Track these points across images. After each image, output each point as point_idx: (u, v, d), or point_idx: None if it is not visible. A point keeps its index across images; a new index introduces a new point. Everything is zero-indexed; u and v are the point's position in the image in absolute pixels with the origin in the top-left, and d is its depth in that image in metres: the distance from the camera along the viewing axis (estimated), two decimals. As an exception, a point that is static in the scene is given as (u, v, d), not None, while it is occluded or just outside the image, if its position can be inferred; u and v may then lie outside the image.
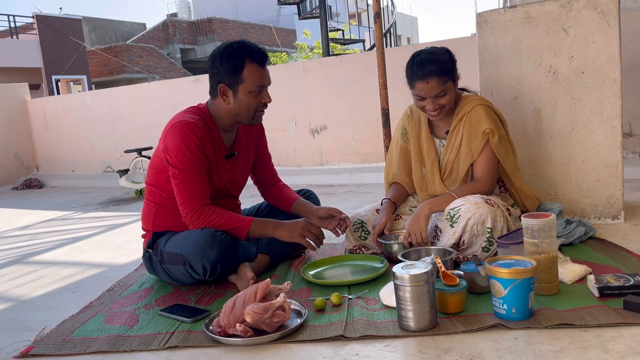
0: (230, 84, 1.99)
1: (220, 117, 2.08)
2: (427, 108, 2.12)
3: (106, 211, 4.47)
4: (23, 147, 7.23)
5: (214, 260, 1.92)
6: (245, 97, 2.00)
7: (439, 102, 2.09)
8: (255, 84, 1.99)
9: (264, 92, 2.03)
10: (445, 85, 2.07)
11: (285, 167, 5.53)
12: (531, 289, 1.50)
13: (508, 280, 1.49)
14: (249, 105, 2.02)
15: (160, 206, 2.12)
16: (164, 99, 6.30)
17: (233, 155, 2.17)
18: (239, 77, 1.97)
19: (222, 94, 2.02)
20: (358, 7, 15.85)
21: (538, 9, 2.51)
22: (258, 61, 1.99)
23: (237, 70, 1.97)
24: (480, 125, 2.12)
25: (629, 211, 2.65)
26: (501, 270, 1.50)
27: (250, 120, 2.07)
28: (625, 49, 3.40)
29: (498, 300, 1.52)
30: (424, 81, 2.06)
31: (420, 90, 2.08)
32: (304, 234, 2.03)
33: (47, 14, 17.35)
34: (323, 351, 1.45)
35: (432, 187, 2.27)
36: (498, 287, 1.51)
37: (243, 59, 1.97)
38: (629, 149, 4.14)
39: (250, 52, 1.98)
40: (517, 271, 1.49)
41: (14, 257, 3.05)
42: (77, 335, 1.69)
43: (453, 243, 1.99)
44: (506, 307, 1.50)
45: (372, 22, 3.47)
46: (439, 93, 2.07)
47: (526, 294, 1.49)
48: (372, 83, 4.79)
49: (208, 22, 23.26)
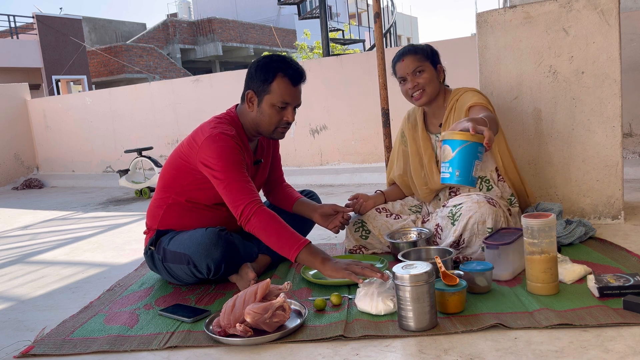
0: (258, 92, 2.00)
1: (246, 125, 2.08)
2: (408, 87, 2.20)
3: (106, 211, 4.47)
4: (23, 147, 7.23)
5: (219, 260, 1.92)
6: (268, 108, 1.99)
7: (417, 80, 2.18)
8: (280, 98, 1.97)
9: (287, 110, 2.01)
10: (422, 63, 2.18)
11: (285, 167, 5.46)
12: (477, 157, 1.59)
13: (458, 142, 1.58)
14: (270, 118, 2.01)
15: (173, 205, 2.11)
16: (164, 99, 6.30)
17: (259, 162, 2.19)
18: (267, 87, 1.97)
19: (248, 100, 2.03)
20: (358, 7, 15.86)
21: (538, 9, 2.51)
22: (290, 78, 1.97)
23: (267, 80, 1.97)
24: (468, 102, 2.15)
25: (629, 211, 2.65)
26: (454, 133, 1.59)
27: (270, 134, 2.06)
28: (625, 49, 3.40)
29: (445, 165, 1.62)
30: (400, 60, 2.21)
31: (399, 69, 2.21)
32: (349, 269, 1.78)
33: (47, 14, 17.34)
34: (323, 351, 1.45)
35: (431, 181, 2.29)
36: (447, 150, 1.62)
37: (276, 72, 1.96)
38: (629, 149, 4.14)
39: (286, 67, 1.98)
40: (467, 135, 1.58)
41: (14, 257, 3.06)
42: (77, 335, 1.69)
43: (453, 241, 2.00)
44: (451, 170, 1.60)
45: (372, 22, 3.47)
46: (415, 69, 2.17)
47: (472, 159, 1.59)
48: (372, 83, 4.78)
49: (208, 22, 23.25)
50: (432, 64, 2.21)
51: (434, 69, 2.22)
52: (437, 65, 2.24)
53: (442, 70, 2.26)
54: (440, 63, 2.26)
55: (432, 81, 2.20)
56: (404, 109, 2.51)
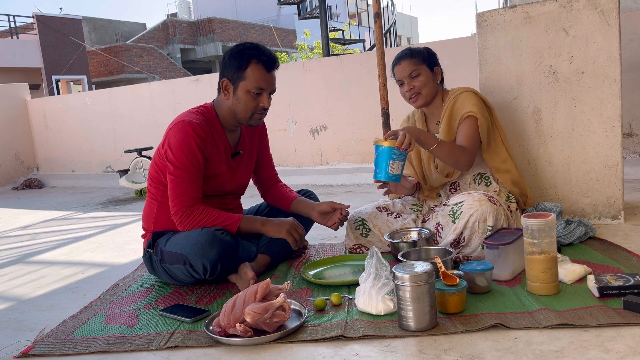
0: (233, 79, 2.03)
1: (223, 115, 2.11)
2: (405, 90, 2.26)
3: (106, 211, 4.47)
4: (23, 147, 7.23)
5: (214, 260, 1.93)
6: (244, 95, 2.02)
7: (413, 83, 2.23)
8: (255, 84, 2.01)
9: (263, 95, 2.04)
10: (418, 67, 2.22)
11: (285, 167, 5.53)
12: (392, 157, 1.97)
13: (376, 147, 2.00)
14: (246, 105, 2.04)
15: (163, 204, 2.13)
16: (164, 99, 6.31)
17: (238, 153, 2.19)
18: (242, 74, 2.00)
19: (223, 89, 2.06)
20: (358, 7, 15.84)
21: (538, 9, 2.51)
22: (264, 64, 2.01)
23: (242, 67, 2.00)
24: (463, 108, 2.20)
25: (629, 211, 2.65)
26: (380, 139, 2.00)
27: (247, 121, 2.09)
28: (625, 49, 3.40)
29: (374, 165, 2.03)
30: (397, 64, 2.27)
31: (397, 73, 2.27)
32: (291, 231, 2.09)
33: (47, 14, 17.34)
34: (323, 351, 1.45)
35: (430, 179, 2.33)
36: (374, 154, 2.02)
37: (250, 58, 2.00)
38: (629, 149, 4.14)
39: (259, 53, 2.02)
40: (381, 141, 1.99)
41: (14, 257, 3.05)
42: (77, 335, 1.69)
43: (454, 239, 2.00)
44: (375, 169, 2.02)
45: (372, 22, 3.47)
46: (411, 72, 2.22)
47: (387, 160, 1.98)
48: (372, 83, 4.78)
49: (208, 22, 23.25)
50: (429, 66, 2.25)
51: (431, 71, 2.25)
52: (435, 67, 2.27)
53: (439, 72, 2.29)
54: (437, 65, 2.29)
55: (428, 84, 2.24)
56: (404, 109, 2.52)
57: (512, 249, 1.82)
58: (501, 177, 2.28)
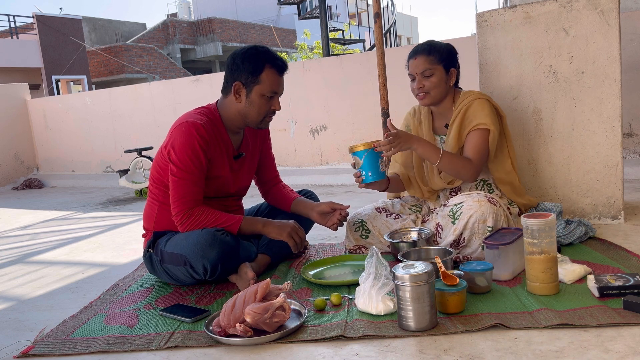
0: (247, 83, 2.03)
1: (229, 118, 2.10)
2: (414, 87, 2.20)
3: (106, 211, 4.47)
4: (23, 147, 7.23)
5: (215, 260, 1.93)
6: (258, 99, 2.03)
7: (424, 82, 2.17)
8: (270, 88, 2.03)
9: (275, 99, 2.07)
10: (433, 66, 2.15)
11: (285, 167, 5.52)
12: (379, 156, 2.03)
13: (362, 152, 2.04)
14: (259, 108, 2.05)
15: (164, 204, 2.12)
16: (164, 99, 6.30)
17: (241, 155, 2.19)
18: (257, 78, 2.01)
19: (235, 92, 2.05)
20: (358, 7, 15.85)
21: (538, 9, 2.51)
22: (277, 69, 2.04)
23: (257, 71, 2.01)
24: (476, 118, 2.14)
25: (629, 211, 2.65)
26: (357, 145, 2.05)
27: (257, 124, 2.10)
28: (625, 49, 3.40)
29: (360, 171, 2.08)
30: (413, 58, 2.19)
31: (410, 67, 2.21)
32: (292, 234, 2.10)
33: (47, 14, 17.35)
34: (323, 351, 1.45)
35: (432, 182, 2.31)
36: (357, 160, 2.08)
37: (264, 63, 2.01)
38: (629, 149, 4.14)
39: (273, 58, 2.04)
40: (366, 144, 2.02)
41: (14, 257, 3.05)
42: (77, 335, 1.69)
43: (453, 239, 2.00)
44: (365, 173, 2.06)
45: (372, 22, 3.47)
46: (424, 70, 2.15)
47: (376, 160, 2.04)
48: (372, 83, 4.78)
49: (208, 22, 23.25)
50: (445, 67, 2.17)
51: (446, 73, 2.17)
52: (451, 69, 2.19)
53: (454, 74, 2.21)
54: (454, 66, 2.21)
55: (439, 86, 2.17)
56: (404, 109, 2.51)
57: (512, 249, 1.82)
58: (503, 188, 2.26)
